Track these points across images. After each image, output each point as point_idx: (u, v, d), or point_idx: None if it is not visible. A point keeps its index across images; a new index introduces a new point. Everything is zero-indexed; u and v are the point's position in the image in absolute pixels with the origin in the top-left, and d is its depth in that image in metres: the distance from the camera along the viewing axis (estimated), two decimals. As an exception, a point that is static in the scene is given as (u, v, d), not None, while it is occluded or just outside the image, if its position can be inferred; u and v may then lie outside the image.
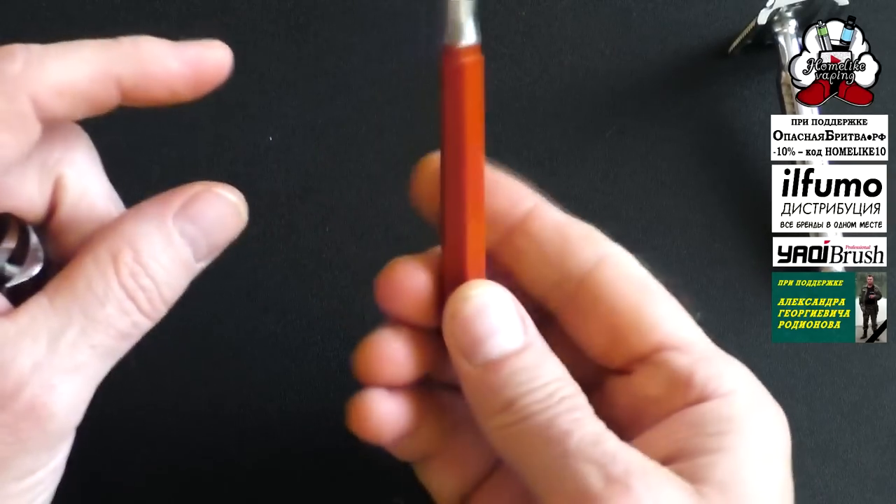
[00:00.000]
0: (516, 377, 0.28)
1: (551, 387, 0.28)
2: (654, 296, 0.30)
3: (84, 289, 0.27)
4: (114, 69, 0.29)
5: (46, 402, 0.26)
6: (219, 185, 0.30)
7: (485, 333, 0.29)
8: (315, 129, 0.46)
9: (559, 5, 0.48)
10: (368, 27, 0.48)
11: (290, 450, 0.40)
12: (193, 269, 0.30)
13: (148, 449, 0.40)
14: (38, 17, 0.47)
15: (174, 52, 0.30)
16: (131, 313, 0.28)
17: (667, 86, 0.47)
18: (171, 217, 0.29)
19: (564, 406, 0.28)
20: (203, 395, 0.41)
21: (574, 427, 0.27)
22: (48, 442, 0.27)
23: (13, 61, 0.28)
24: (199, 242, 0.29)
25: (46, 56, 0.28)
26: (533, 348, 0.29)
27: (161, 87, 0.30)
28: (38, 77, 0.27)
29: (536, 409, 0.28)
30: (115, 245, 0.28)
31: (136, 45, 0.29)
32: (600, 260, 0.30)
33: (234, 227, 0.31)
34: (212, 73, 0.31)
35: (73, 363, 0.27)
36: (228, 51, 0.31)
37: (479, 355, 0.29)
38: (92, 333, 0.27)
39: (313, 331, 0.42)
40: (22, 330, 0.27)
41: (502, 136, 0.46)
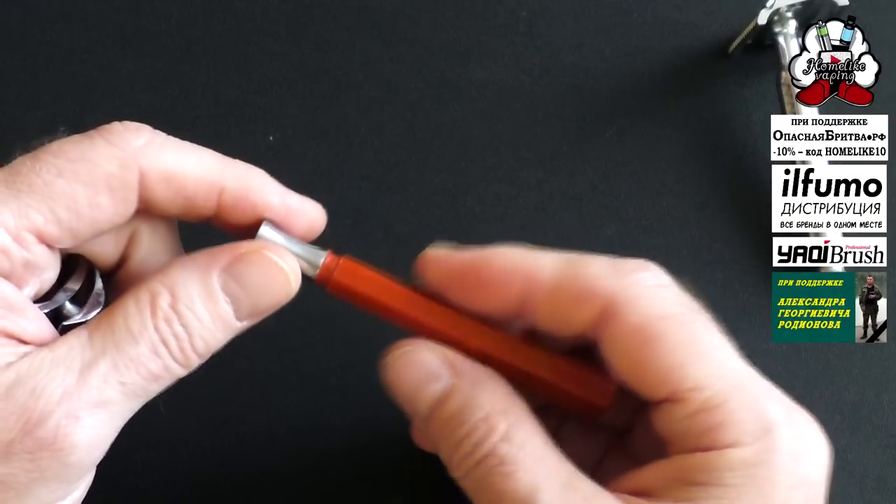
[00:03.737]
0: (448, 426, 0.29)
1: (477, 433, 0.28)
2: (652, 348, 0.29)
3: (121, 325, 0.28)
4: (221, 180, 0.30)
5: (69, 433, 0.26)
6: (273, 247, 0.30)
7: (412, 392, 0.30)
8: (315, 129, 0.46)
9: (559, 5, 0.49)
10: (368, 27, 0.48)
11: (290, 450, 0.40)
12: (234, 327, 0.30)
13: (147, 448, 0.40)
14: (38, 18, 0.47)
15: (278, 192, 0.31)
16: (163, 357, 0.28)
17: (667, 86, 0.47)
18: (216, 271, 0.29)
19: (494, 460, 0.28)
20: (203, 394, 0.41)
21: (507, 486, 0.27)
22: (66, 474, 0.27)
23: (139, 136, 0.29)
24: (241, 302, 0.29)
25: (168, 144, 0.29)
26: (458, 390, 0.29)
27: (252, 217, 0.30)
28: (154, 156, 0.29)
29: (470, 464, 0.28)
30: (156, 288, 0.28)
31: (248, 170, 0.31)
32: (601, 313, 0.29)
33: (281, 294, 0.31)
34: (301, 226, 0.31)
35: (101, 397, 0.27)
36: (324, 215, 0.32)
37: (418, 413, 0.30)
38: (123, 370, 0.27)
39: (313, 331, 0.42)
40: (57, 358, 0.27)
41: (502, 135, 0.46)
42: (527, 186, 0.45)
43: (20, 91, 0.46)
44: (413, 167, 0.45)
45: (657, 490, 0.28)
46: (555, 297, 0.30)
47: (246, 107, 0.46)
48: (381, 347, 0.42)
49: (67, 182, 0.27)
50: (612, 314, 0.29)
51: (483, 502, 0.28)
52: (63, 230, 0.28)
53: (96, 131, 0.29)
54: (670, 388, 0.28)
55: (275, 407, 0.41)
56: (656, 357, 0.28)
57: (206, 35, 0.48)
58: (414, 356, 0.30)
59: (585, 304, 0.29)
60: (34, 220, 0.27)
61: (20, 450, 0.26)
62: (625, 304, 0.29)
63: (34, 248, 0.28)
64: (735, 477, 0.27)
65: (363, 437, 0.40)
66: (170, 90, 0.46)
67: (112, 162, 0.28)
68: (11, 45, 0.47)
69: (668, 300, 0.29)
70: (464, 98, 0.47)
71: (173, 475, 0.40)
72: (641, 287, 0.29)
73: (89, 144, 0.28)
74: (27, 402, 0.26)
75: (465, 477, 0.29)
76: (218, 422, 0.40)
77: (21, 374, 0.26)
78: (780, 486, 0.28)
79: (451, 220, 0.44)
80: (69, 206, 0.28)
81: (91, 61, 0.47)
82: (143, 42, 0.47)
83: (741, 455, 0.27)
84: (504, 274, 0.30)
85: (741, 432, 0.28)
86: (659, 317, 0.29)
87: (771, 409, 0.28)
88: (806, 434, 0.29)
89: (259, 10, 0.48)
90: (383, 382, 0.30)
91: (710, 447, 0.28)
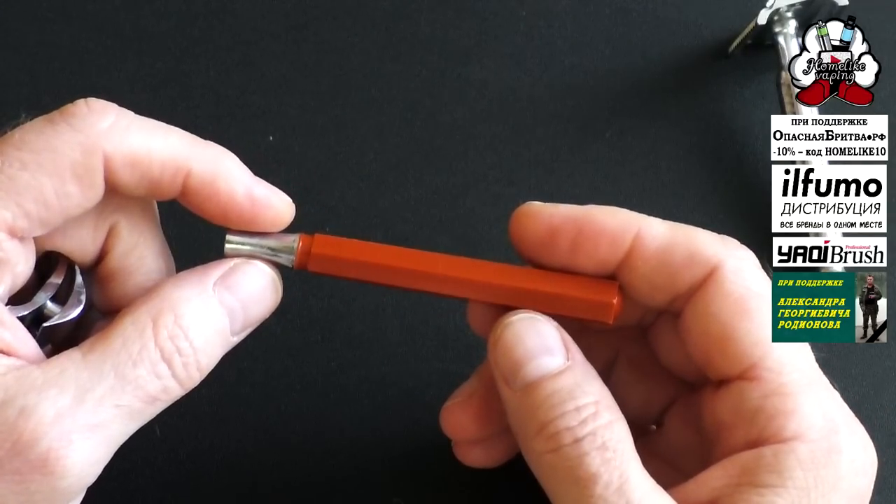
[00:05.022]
0: (552, 399, 0.28)
1: (585, 412, 0.28)
2: (748, 318, 0.29)
3: (119, 347, 0.27)
4: (187, 165, 0.29)
5: (61, 456, 0.26)
6: (257, 259, 0.31)
7: (523, 357, 0.29)
8: (315, 129, 0.46)
9: (559, 5, 0.48)
10: (368, 27, 0.48)
11: (290, 450, 0.40)
12: (229, 341, 0.30)
13: (147, 448, 0.40)
14: (38, 18, 0.47)
15: (245, 181, 0.30)
16: (163, 377, 0.28)
17: (667, 86, 0.47)
18: (211, 285, 0.29)
19: (596, 441, 0.27)
20: (203, 394, 0.41)
21: (602, 470, 0.27)
22: (56, 499, 0.26)
23: (104, 118, 0.28)
24: (236, 313, 0.30)
25: (135, 125, 0.29)
26: (572, 371, 0.29)
27: (216, 204, 0.30)
28: (119, 140, 0.28)
29: (567, 438, 0.27)
30: (156, 307, 0.28)
31: (217, 156, 0.30)
32: (705, 278, 0.30)
33: (270, 302, 0.31)
34: (266, 218, 0.31)
35: (95, 420, 0.26)
36: (292, 207, 0.31)
37: (518, 379, 0.29)
38: (120, 393, 0.27)
39: (313, 331, 0.42)
40: (50, 379, 0.26)
41: (502, 135, 0.46)
42: (527, 186, 0.45)
43: (20, 91, 0.46)
44: (413, 167, 0.45)
45: (725, 498, 0.28)
46: (665, 256, 0.30)
47: (246, 107, 0.46)
48: (381, 347, 0.42)
49: (32, 175, 0.27)
50: (714, 280, 0.30)
51: (567, 481, 0.27)
52: (33, 222, 0.28)
53: (59, 114, 0.28)
54: (750, 362, 0.29)
55: (275, 407, 0.41)
56: (748, 329, 0.29)
57: (206, 35, 0.48)
58: (538, 325, 0.30)
59: (694, 265, 0.30)
60: (2, 216, 0.27)
61: (8, 470, 0.25)
62: (731, 272, 0.30)
63: (6, 245, 0.27)
64: (805, 478, 0.27)
65: (363, 437, 0.40)
66: (170, 90, 0.46)
67: (76, 149, 0.27)
68: (11, 45, 0.47)
69: (763, 281, 0.30)
70: (464, 98, 0.47)
71: (173, 475, 0.40)
72: (745, 262, 0.30)
73: (52, 132, 0.28)
74: (17, 421, 0.25)
75: (554, 451, 0.28)
76: (218, 421, 0.40)
77: (9, 391, 0.26)
78: (843, 493, 0.28)
79: (451, 220, 0.44)
80: (36, 198, 0.27)
81: (91, 61, 0.47)
82: (143, 42, 0.47)
83: (808, 452, 0.27)
84: (616, 229, 0.30)
85: (809, 426, 0.28)
86: (757, 293, 0.30)
87: (837, 413, 0.29)
88: (866, 445, 0.29)
89: (259, 10, 0.48)
90: (492, 340, 0.30)
91: (775, 435, 0.28)
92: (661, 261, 0.30)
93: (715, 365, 0.30)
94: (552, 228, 0.30)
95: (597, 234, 0.30)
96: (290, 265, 0.31)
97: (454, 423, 0.34)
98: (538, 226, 0.31)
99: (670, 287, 0.30)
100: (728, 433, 0.29)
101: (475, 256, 0.31)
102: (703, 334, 0.30)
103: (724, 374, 0.30)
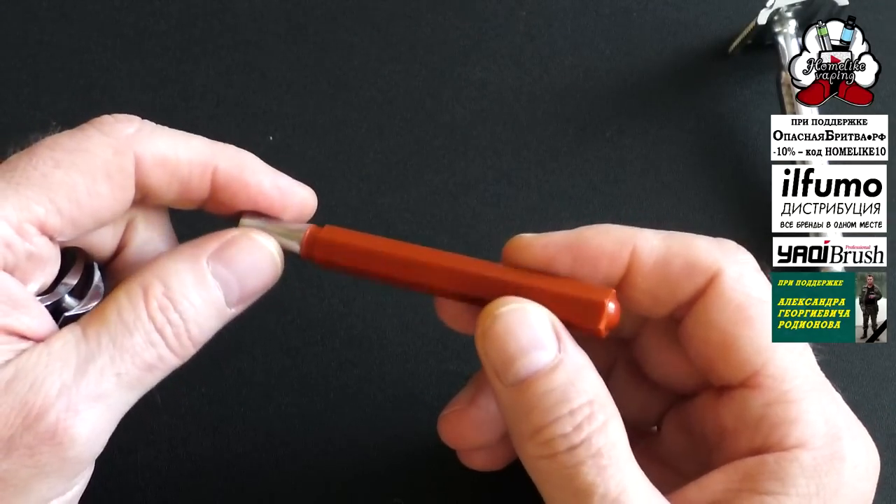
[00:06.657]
0: (545, 401, 0.27)
1: (580, 415, 0.27)
2: (749, 326, 0.29)
3: (114, 318, 0.28)
4: (214, 162, 0.30)
5: (68, 426, 0.26)
6: (256, 231, 0.31)
7: (515, 352, 0.28)
8: (315, 129, 0.46)
9: (559, 5, 0.48)
10: (368, 27, 0.48)
11: (290, 450, 0.40)
12: (225, 313, 0.30)
13: (147, 448, 0.40)
14: (38, 18, 0.47)
15: (270, 173, 0.32)
16: (157, 346, 0.28)
17: (667, 86, 0.47)
18: (204, 258, 0.30)
19: (591, 449, 0.27)
20: (203, 394, 0.41)
21: (598, 481, 0.26)
22: (65, 469, 0.27)
23: (130, 125, 0.30)
24: (231, 286, 0.30)
25: (159, 131, 0.30)
26: (565, 366, 0.28)
27: (246, 196, 0.31)
28: (147, 142, 0.29)
29: (562, 446, 0.27)
30: (147, 279, 0.29)
31: (239, 152, 0.31)
32: (705, 286, 0.29)
33: (268, 276, 0.31)
34: (293, 207, 0.32)
35: (98, 390, 0.27)
36: (314, 198, 0.33)
37: (509, 375, 0.28)
38: (119, 362, 0.27)
39: (313, 331, 0.42)
40: (53, 353, 0.27)
41: (502, 135, 0.46)
42: (527, 186, 0.45)
43: (20, 91, 0.46)
44: (413, 167, 0.45)
45: (726, 503, 0.27)
46: (663, 269, 0.30)
47: (246, 107, 0.46)
48: (381, 348, 0.42)
49: (65, 172, 0.28)
50: (714, 288, 0.29)
51: (563, 489, 0.27)
52: (65, 220, 0.28)
53: (88, 124, 0.29)
54: (753, 369, 0.29)
55: (275, 407, 0.41)
56: (750, 336, 0.29)
57: (206, 35, 0.48)
58: (528, 316, 0.28)
59: (693, 275, 0.30)
60: (35, 211, 0.27)
61: (20, 445, 0.26)
62: (731, 278, 0.29)
63: (37, 240, 0.28)
64: (808, 485, 0.27)
65: (363, 437, 0.40)
66: (170, 90, 0.46)
67: (107, 150, 0.29)
68: (11, 45, 0.47)
69: (763, 286, 0.30)
70: (464, 98, 0.47)
71: (173, 475, 0.40)
72: (745, 266, 0.30)
73: (83, 136, 0.29)
74: (27, 396, 0.26)
75: (548, 457, 0.27)
76: (218, 421, 0.40)
77: (19, 369, 0.26)
78: (845, 498, 0.28)
79: (451, 220, 0.44)
80: (69, 195, 0.28)
81: (91, 61, 0.47)
82: (143, 42, 0.47)
83: (811, 459, 0.27)
84: (611, 249, 0.30)
85: (812, 433, 0.28)
86: (758, 299, 0.29)
87: (840, 418, 0.29)
88: (868, 449, 0.29)
89: (259, 10, 0.48)
90: (480, 331, 0.29)
91: (778, 443, 0.28)
92: (661, 274, 0.30)
93: (717, 372, 0.30)
94: (547, 259, 0.30)
95: (593, 257, 0.30)
96: (298, 252, 0.32)
97: (453, 432, 0.33)
98: (533, 259, 0.30)
99: (671, 298, 0.30)
100: (731, 439, 0.29)
101: (475, 256, 0.31)
102: (705, 342, 0.30)
103: (726, 381, 0.30)
